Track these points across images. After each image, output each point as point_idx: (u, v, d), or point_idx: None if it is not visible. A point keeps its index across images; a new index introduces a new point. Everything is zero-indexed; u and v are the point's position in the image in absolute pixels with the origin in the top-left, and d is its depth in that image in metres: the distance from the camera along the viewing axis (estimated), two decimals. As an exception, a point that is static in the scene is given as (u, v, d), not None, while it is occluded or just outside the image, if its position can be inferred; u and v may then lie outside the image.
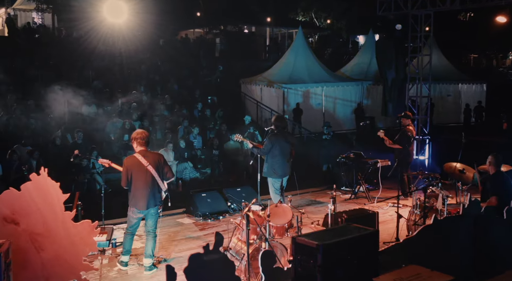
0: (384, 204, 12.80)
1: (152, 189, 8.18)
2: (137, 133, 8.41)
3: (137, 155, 8.17)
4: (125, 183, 8.17)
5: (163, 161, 8.42)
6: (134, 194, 8.13)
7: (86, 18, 26.82)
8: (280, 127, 10.93)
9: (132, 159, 8.20)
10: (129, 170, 8.09)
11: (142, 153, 8.20)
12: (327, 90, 24.64)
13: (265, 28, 38.38)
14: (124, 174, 8.12)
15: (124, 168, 8.15)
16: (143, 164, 8.09)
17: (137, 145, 8.31)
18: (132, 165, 8.12)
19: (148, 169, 8.12)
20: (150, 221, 8.44)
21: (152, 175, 8.14)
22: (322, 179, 16.22)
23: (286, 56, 26.19)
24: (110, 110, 18.92)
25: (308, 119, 23.52)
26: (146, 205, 8.17)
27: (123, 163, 8.23)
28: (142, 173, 8.11)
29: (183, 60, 26.64)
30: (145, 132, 8.52)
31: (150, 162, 8.14)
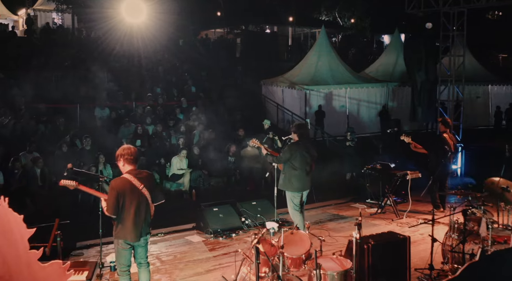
0: (414, 220, 11.41)
1: (146, 216, 6.76)
2: (123, 149, 6.77)
3: (128, 176, 6.64)
4: (115, 211, 6.53)
5: (154, 181, 7.11)
6: (125, 224, 6.59)
7: (104, 18, 25.99)
8: (301, 135, 9.65)
9: (123, 181, 6.62)
10: (121, 195, 6.49)
11: (133, 173, 6.69)
12: (351, 91, 23.47)
13: (287, 27, 37.08)
14: (113, 200, 6.48)
15: (113, 192, 6.49)
16: (137, 186, 6.62)
17: (124, 163, 6.74)
18: (124, 189, 6.54)
19: (143, 193, 6.67)
20: (141, 251, 6.95)
21: (147, 199, 6.72)
22: (345, 189, 14.92)
23: (308, 56, 24.98)
24: (123, 113, 17.80)
25: (330, 122, 22.44)
26: (138, 235, 6.70)
27: (111, 186, 6.59)
28: (136, 197, 6.62)
29: (202, 61, 25.49)
30: (132, 147, 6.91)
31: (145, 184, 6.70)
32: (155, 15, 26.05)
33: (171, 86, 21.16)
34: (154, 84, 20.94)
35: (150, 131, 16.63)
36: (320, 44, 24.66)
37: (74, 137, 15.02)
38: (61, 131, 15.50)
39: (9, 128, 15.15)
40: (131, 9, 25.33)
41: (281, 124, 23.11)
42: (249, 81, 24.65)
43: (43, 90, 18.73)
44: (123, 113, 17.85)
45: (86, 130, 16.26)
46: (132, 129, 16.35)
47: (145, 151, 15.56)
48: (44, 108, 16.79)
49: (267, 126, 17.59)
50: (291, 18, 34.85)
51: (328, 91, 22.92)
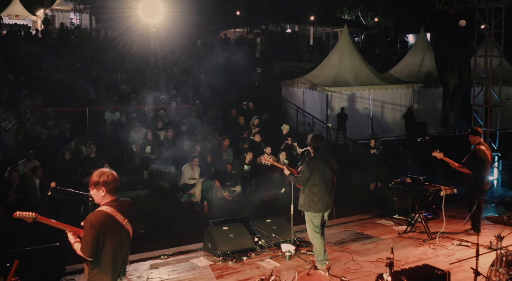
0: (448, 242, 9.95)
1: (126, 255, 5.37)
2: (107, 176, 5.17)
3: (110, 210, 5.16)
4: (92, 254, 5.03)
5: (136, 210, 5.58)
6: (102, 268, 5.16)
7: (121, 18, 24.99)
8: (316, 149, 8.31)
9: (104, 217, 5.12)
10: (102, 233, 5.04)
11: (114, 205, 5.21)
12: (375, 93, 22.03)
13: (308, 27, 35.62)
14: (91, 240, 4.98)
15: (92, 231, 4.99)
16: (120, 222, 5.19)
17: (106, 193, 5.17)
18: (106, 227, 5.08)
19: (126, 228, 5.26)
20: None
21: (129, 234, 5.33)
22: (370, 201, 13.51)
23: (330, 56, 23.63)
24: (135, 117, 16.58)
25: (353, 125, 21.14)
26: (116, 277, 5.30)
27: (89, 222, 5.01)
28: (118, 235, 5.21)
29: (220, 62, 24.19)
30: (114, 174, 5.27)
31: (128, 217, 5.29)
32: (172, 14, 24.99)
33: (187, 88, 19.86)
34: (169, 86, 19.67)
35: (162, 137, 15.38)
36: (342, 44, 23.37)
37: (80, 143, 13.79)
38: (66, 137, 14.29)
39: (12, 133, 13.99)
40: (148, 9, 24.32)
41: (301, 127, 21.87)
42: (268, 83, 23.28)
43: (52, 92, 17.66)
44: (135, 117, 16.61)
45: (94, 135, 15.12)
46: (142, 134, 15.10)
47: (155, 158, 14.34)
48: (51, 112, 15.61)
49: (286, 131, 16.21)
50: (313, 17, 33.38)
51: (350, 93, 21.62)
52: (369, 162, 14.40)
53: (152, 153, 14.47)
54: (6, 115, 14.71)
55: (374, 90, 21.94)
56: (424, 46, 25.54)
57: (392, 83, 22.97)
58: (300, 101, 22.72)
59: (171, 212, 12.73)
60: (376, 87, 22.02)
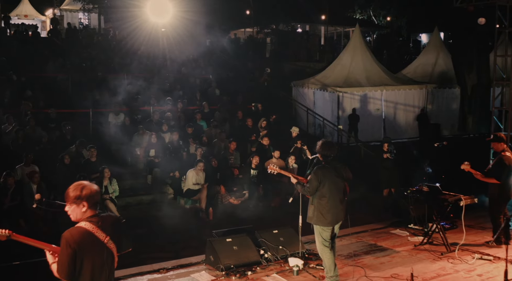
0: (468, 255, 9.18)
1: (110, 275, 4.58)
2: (90, 190, 4.49)
3: (89, 226, 4.43)
4: (68, 275, 4.32)
5: (121, 226, 4.87)
6: None
7: (129, 18, 24.41)
8: (326, 157, 7.58)
9: (82, 234, 4.39)
10: (79, 254, 4.33)
11: (94, 221, 4.49)
12: (387, 94, 21.30)
13: (319, 26, 34.79)
14: (67, 260, 4.29)
15: (68, 250, 4.29)
16: (101, 240, 4.46)
17: (87, 208, 4.46)
18: (84, 245, 4.37)
19: (109, 247, 4.53)
20: None
21: (113, 254, 4.59)
22: (383, 208, 12.76)
23: (342, 56, 22.89)
24: (139, 119, 15.91)
25: (365, 127, 20.49)
26: None
27: (65, 240, 4.31)
28: (99, 255, 4.47)
29: (229, 62, 23.51)
30: (95, 187, 4.61)
31: (111, 235, 4.56)
32: (181, 14, 24.38)
33: (194, 89, 19.14)
34: (176, 87, 18.96)
35: (167, 140, 14.69)
36: (354, 44, 22.67)
37: (80, 147, 13.12)
38: (67, 140, 13.63)
39: (12, 136, 13.36)
40: (157, 8, 23.73)
41: (311, 128, 21.15)
42: (278, 83, 22.55)
43: (56, 93, 17.01)
44: (139, 119, 15.94)
45: (97, 138, 14.46)
46: (147, 137, 14.43)
47: (159, 162, 13.66)
48: (53, 113, 14.97)
49: (296, 133, 15.46)
50: (324, 17, 32.57)
51: (362, 94, 20.93)
52: (382, 167, 13.61)
53: (156, 157, 13.81)
54: (6, 117, 14.09)
55: (386, 90, 21.28)
56: (438, 45, 24.80)
57: (405, 84, 22.29)
58: (310, 102, 22.04)
59: (175, 219, 12.04)
60: (388, 88, 21.37)
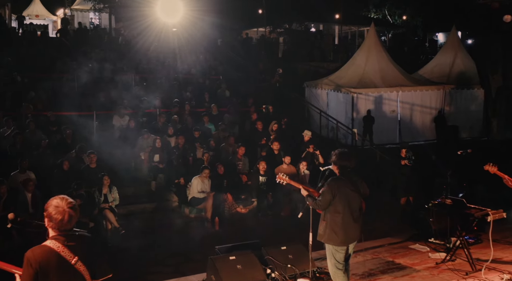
0: (495, 274, 8.20)
1: None
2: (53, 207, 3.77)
3: (54, 244, 3.75)
4: None
5: (95, 247, 4.07)
6: None
7: (140, 17, 23.66)
8: (344, 169, 6.67)
9: (45, 252, 3.73)
10: (42, 274, 3.66)
11: (62, 240, 3.78)
12: (403, 95, 20.32)
13: (333, 26, 33.75)
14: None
15: (28, 270, 3.65)
16: (67, 260, 3.75)
17: (51, 225, 3.82)
18: (48, 265, 3.69)
19: (78, 269, 3.80)
20: None
21: (82, 276, 3.82)
22: (400, 219, 11.81)
23: (356, 56, 21.95)
24: (145, 122, 15.08)
25: (380, 129, 19.49)
26: None
27: (26, 260, 3.67)
28: (64, 276, 3.76)
29: (240, 62, 22.62)
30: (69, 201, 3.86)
31: (80, 255, 3.82)
32: (192, 13, 23.56)
33: (203, 90, 18.26)
34: (184, 88, 18.10)
35: (172, 144, 13.86)
36: (369, 43, 21.73)
37: (81, 152, 12.29)
38: (67, 145, 12.81)
39: (9, 140, 12.59)
40: (167, 7, 22.91)
41: (324, 130, 20.21)
42: (290, 84, 21.62)
43: (60, 95, 16.20)
44: (145, 121, 15.11)
45: (101, 141, 13.65)
46: (151, 141, 13.59)
47: (164, 168, 12.81)
48: (53, 116, 14.17)
49: (308, 137, 14.49)
50: (338, 16, 31.53)
51: (377, 95, 19.99)
52: (400, 173, 12.60)
53: (161, 162, 12.96)
54: (5, 120, 13.33)
55: (402, 91, 20.35)
56: (456, 45, 23.61)
57: (421, 84, 21.30)
58: (324, 103, 21.15)
59: (179, 229, 11.26)
60: (404, 89, 20.43)
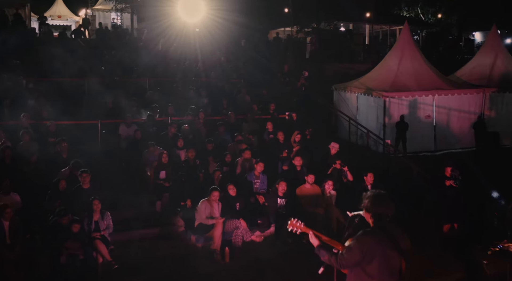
0: None
1: None
2: None
3: None
4: None
5: None
6: None
7: (160, 17, 22.01)
8: (380, 218, 4.68)
9: None
10: None
11: None
12: (439, 99, 18.46)
13: (363, 25, 31.53)
14: None
15: None
16: None
17: None
18: None
19: None
20: None
21: None
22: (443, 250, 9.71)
23: (388, 57, 20.07)
24: (154, 132, 13.24)
25: (414, 135, 17.69)
26: None
27: None
28: None
29: (265, 64, 20.69)
30: None
31: None
32: (214, 12, 21.87)
33: (222, 96, 16.30)
34: (200, 95, 16.17)
35: (182, 158, 11.98)
36: (402, 44, 19.79)
37: (76, 168, 10.41)
38: (63, 160, 10.98)
39: (0, 154, 10.89)
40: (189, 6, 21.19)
41: (353, 137, 18.46)
42: (317, 87, 19.59)
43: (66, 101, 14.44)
44: (155, 131, 13.26)
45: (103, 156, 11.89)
46: (158, 155, 11.67)
47: (171, 186, 10.91)
48: (52, 126, 12.38)
49: (335, 150, 12.42)
50: (368, 14, 29.32)
51: (411, 99, 18.16)
52: (443, 196, 10.42)
53: (167, 180, 11.05)
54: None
55: (438, 95, 18.48)
56: (496, 44, 21.46)
57: (459, 87, 19.28)
58: (353, 107, 19.42)
59: (183, 262, 9.39)
60: (441, 92, 18.54)
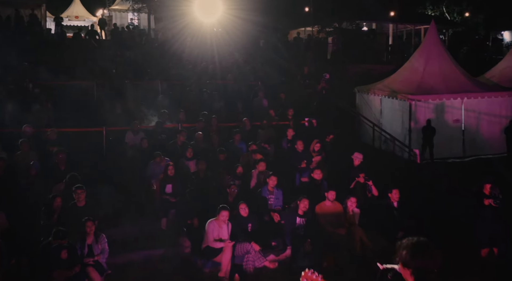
0: None
1: None
2: None
3: None
4: None
5: None
6: None
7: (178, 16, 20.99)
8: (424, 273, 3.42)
9: None
10: None
11: None
12: (468, 102, 17.20)
13: (387, 24, 30.07)
14: None
15: None
16: None
17: None
18: None
19: None
20: None
21: None
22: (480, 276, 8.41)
23: (413, 58, 18.80)
24: (163, 140, 12.08)
25: (441, 141, 16.49)
26: None
27: None
28: None
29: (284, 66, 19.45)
30: None
31: None
32: (231, 12, 20.75)
33: (238, 99, 15.07)
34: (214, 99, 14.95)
35: (190, 169, 10.79)
36: (428, 44, 18.51)
37: (72, 182, 9.21)
38: (60, 172, 9.84)
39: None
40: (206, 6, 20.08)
41: (377, 142, 17.25)
42: (339, 90, 18.29)
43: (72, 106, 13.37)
44: (164, 139, 12.09)
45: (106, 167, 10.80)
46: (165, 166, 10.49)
47: (177, 202, 9.73)
48: (53, 134, 11.29)
49: (359, 161, 11.15)
50: (393, 13, 27.87)
51: (439, 102, 16.98)
52: (481, 216, 9.07)
53: (174, 195, 9.88)
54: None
55: (468, 98, 17.23)
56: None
57: (490, 90, 18.07)
58: (377, 110, 18.25)
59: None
60: (470, 95, 17.32)
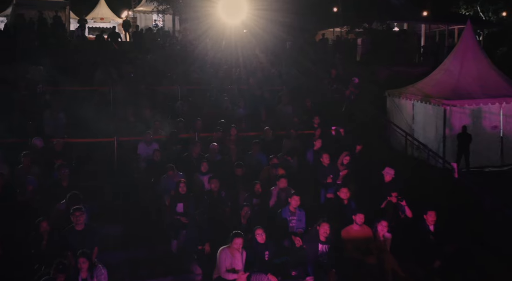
0: None
1: None
2: None
3: None
4: None
5: None
6: None
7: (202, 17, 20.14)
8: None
9: None
10: None
11: None
12: (508, 107, 16.15)
13: (419, 24, 28.68)
14: None
15: None
16: None
17: None
18: None
19: None
20: None
21: None
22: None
23: (448, 60, 17.70)
24: (177, 152, 11.01)
25: (478, 148, 15.61)
26: None
27: None
28: None
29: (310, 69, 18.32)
30: None
31: None
32: (257, 12, 19.76)
33: (261, 106, 13.92)
34: (236, 104, 13.86)
35: (204, 184, 9.72)
36: (464, 45, 17.42)
37: (73, 202, 8.17)
38: (62, 189, 8.82)
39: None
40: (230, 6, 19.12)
41: (409, 149, 16.11)
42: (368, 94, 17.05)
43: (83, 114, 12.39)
44: (178, 151, 11.03)
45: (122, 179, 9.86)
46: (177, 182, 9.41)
47: (189, 223, 8.64)
48: (59, 144, 10.35)
49: (390, 177, 9.92)
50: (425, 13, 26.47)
51: (475, 107, 15.90)
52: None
53: (185, 214, 8.82)
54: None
55: (507, 103, 16.07)
56: None
57: None
58: (409, 115, 17.25)
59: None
60: (509, 100, 16.12)
